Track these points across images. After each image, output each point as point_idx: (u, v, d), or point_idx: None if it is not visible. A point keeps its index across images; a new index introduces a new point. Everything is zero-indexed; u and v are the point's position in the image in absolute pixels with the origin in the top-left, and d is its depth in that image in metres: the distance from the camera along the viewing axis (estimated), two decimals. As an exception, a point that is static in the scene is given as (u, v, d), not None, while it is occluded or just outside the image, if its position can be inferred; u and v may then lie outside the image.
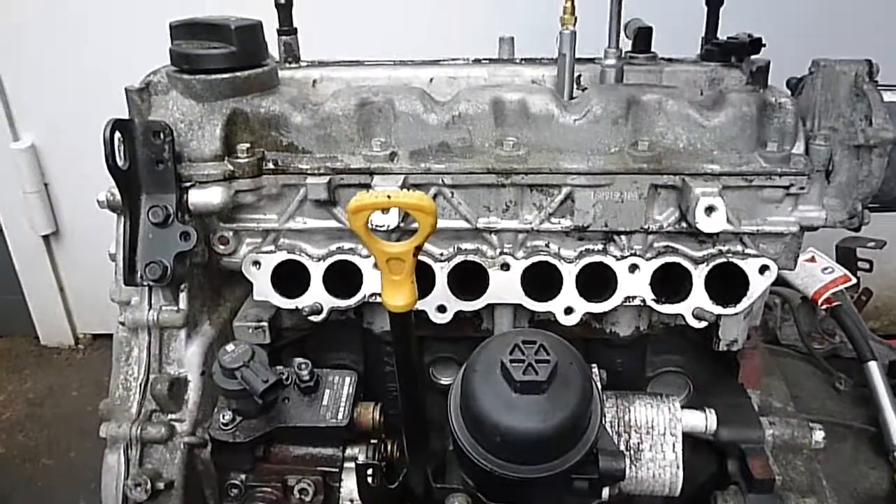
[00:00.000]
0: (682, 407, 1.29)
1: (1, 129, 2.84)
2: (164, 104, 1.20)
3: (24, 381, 3.12)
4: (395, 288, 0.86)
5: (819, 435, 1.33)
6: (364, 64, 1.43)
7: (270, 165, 1.20)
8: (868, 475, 1.42)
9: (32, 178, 2.92)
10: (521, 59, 1.43)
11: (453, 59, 1.43)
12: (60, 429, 2.82)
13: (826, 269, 1.75)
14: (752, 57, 1.31)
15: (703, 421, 1.19)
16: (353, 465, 1.16)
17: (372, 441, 1.20)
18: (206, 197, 1.17)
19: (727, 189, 1.16)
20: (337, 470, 1.17)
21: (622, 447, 1.14)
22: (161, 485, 1.10)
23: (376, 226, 1.12)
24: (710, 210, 1.10)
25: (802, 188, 1.16)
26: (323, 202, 1.20)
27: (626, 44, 1.37)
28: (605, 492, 1.11)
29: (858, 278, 1.82)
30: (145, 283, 1.14)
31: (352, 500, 1.16)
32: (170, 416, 1.16)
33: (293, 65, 1.44)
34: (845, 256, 1.88)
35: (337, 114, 1.19)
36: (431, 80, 1.38)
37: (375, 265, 1.23)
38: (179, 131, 1.18)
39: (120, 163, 1.11)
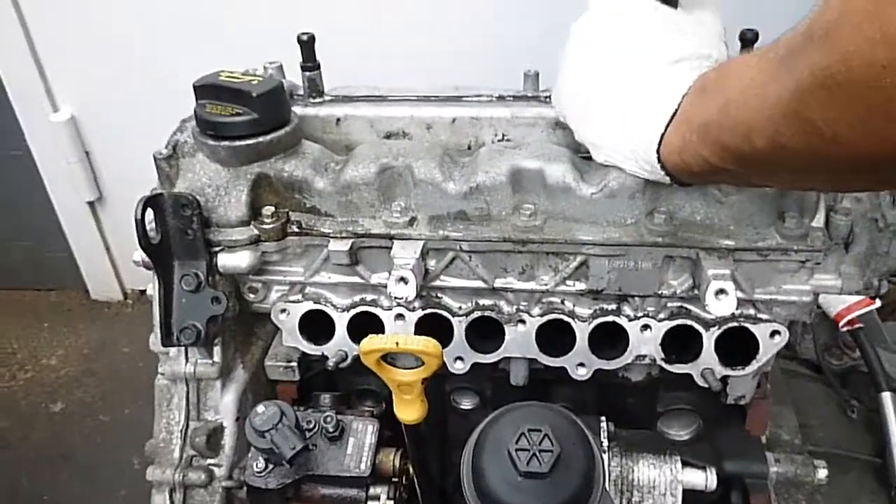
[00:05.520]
0: (688, 442, 1.36)
1: (40, 101, 2.90)
2: (192, 168, 1.24)
3: (78, 337, 3.33)
4: (407, 405, 0.92)
5: (822, 473, 1.39)
6: (387, 100, 1.44)
7: (295, 228, 1.25)
8: (868, 509, 1.48)
9: (73, 148, 3.01)
10: (546, 97, 1.42)
11: (477, 96, 1.42)
12: (114, 385, 3.03)
13: (851, 288, 1.74)
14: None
15: (703, 480, 1.25)
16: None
17: (393, 480, 1.30)
18: (234, 261, 1.23)
19: (741, 262, 1.17)
20: (361, 509, 1.27)
21: (624, 504, 1.22)
22: (204, 526, 1.22)
23: (396, 298, 1.17)
24: (720, 293, 1.11)
25: (818, 263, 1.16)
26: (346, 265, 1.25)
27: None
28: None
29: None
30: (181, 345, 1.22)
31: (374, 536, 1.27)
32: (208, 462, 1.26)
33: (317, 100, 1.45)
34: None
35: (357, 182, 1.21)
36: (454, 120, 1.38)
37: (396, 318, 1.30)
38: (207, 196, 1.22)
39: (152, 236, 1.17)
